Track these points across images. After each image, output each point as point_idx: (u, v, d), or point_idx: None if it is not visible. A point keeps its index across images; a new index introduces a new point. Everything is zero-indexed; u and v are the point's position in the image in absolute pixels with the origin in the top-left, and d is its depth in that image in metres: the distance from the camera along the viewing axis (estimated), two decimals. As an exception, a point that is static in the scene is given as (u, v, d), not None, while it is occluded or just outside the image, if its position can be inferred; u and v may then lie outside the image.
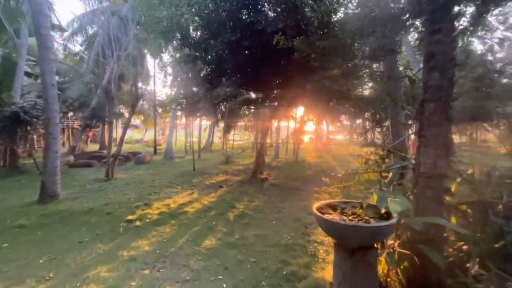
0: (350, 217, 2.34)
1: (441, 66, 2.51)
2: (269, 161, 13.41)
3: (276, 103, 9.00)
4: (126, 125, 10.22)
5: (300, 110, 16.62)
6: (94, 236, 4.07)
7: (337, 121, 21.13)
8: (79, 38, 17.18)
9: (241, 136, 32.75)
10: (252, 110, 12.74)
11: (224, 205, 5.81)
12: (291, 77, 7.10)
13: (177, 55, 10.69)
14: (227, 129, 19.28)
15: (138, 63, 14.58)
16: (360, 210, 2.37)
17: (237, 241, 3.92)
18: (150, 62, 40.32)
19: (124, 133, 9.99)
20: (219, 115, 17.39)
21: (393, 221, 2.18)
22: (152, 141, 20.17)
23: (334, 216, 2.32)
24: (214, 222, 4.71)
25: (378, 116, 8.39)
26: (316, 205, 2.68)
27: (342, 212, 2.46)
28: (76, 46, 18.31)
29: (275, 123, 16.74)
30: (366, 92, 9.20)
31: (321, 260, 3.32)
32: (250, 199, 6.38)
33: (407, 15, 4.46)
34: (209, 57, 7.69)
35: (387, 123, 13.23)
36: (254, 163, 9.61)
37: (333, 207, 2.71)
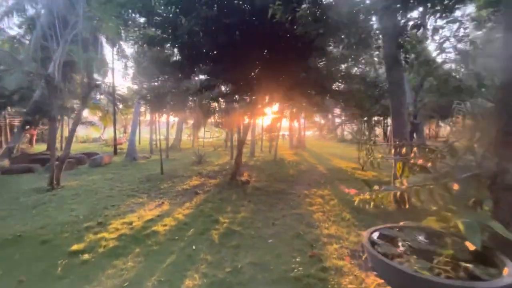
0: (438, 262, 1.47)
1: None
2: (245, 160, 12.42)
3: (257, 96, 8.00)
4: (77, 121, 8.48)
5: (275, 106, 15.84)
6: (15, 285, 2.74)
7: (313, 116, 20.82)
8: (16, 20, 14.41)
9: (211, 134, 31.17)
10: (228, 104, 11.55)
11: (203, 219, 4.70)
12: (280, 64, 6.12)
13: (139, 42, 9.08)
14: (197, 126, 17.84)
15: (91, 47, 12.53)
16: (450, 251, 1.50)
17: (230, 276, 2.89)
18: (109, 50, 36.61)
19: (73, 130, 8.28)
20: (189, 110, 15.88)
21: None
22: (112, 140, 17.93)
23: (417, 268, 1.42)
24: (194, 247, 3.60)
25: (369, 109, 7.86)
26: (365, 239, 1.78)
27: (420, 252, 1.57)
28: (13, 30, 15.42)
29: (250, 119, 15.75)
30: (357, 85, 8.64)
31: (352, 303, 2.45)
32: (234, 209, 5.33)
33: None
34: (180, 39, 6.42)
35: (377, 117, 13.02)
36: (234, 164, 8.55)
37: (389, 239, 1.82)
